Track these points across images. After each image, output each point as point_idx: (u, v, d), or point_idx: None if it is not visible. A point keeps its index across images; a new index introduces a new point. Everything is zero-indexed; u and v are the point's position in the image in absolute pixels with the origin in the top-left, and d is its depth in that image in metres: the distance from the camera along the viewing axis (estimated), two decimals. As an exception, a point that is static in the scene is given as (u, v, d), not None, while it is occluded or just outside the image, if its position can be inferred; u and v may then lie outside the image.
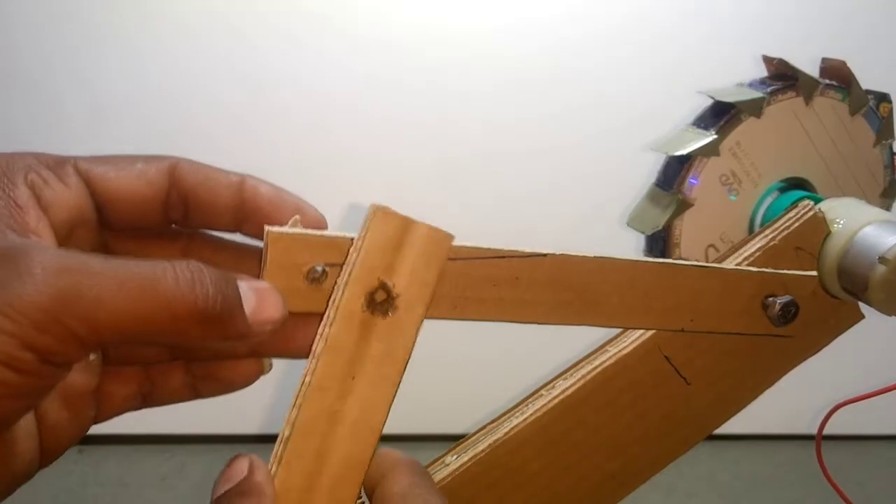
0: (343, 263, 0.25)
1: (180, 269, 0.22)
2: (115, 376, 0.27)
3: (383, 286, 0.25)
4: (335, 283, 0.25)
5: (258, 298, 0.24)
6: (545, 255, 0.27)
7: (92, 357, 0.26)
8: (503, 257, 0.27)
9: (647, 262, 0.29)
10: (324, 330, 0.25)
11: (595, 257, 0.28)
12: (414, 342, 0.25)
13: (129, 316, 0.20)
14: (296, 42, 0.87)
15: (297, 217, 0.26)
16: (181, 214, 0.27)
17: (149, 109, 0.85)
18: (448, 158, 0.91)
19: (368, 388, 0.25)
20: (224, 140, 0.83)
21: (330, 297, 0.25)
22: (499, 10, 0.88)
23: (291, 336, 0.27)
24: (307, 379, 0.25)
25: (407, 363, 0.25)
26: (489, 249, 0.27)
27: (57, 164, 0.25)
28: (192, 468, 0.95)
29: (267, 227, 0.25)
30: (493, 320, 0.27)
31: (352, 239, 0.25)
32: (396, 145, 0.89)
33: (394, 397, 0.25)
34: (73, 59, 0.85)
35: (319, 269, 0.25)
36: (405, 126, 0.89)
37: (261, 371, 0.28)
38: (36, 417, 0.24)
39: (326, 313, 0.25)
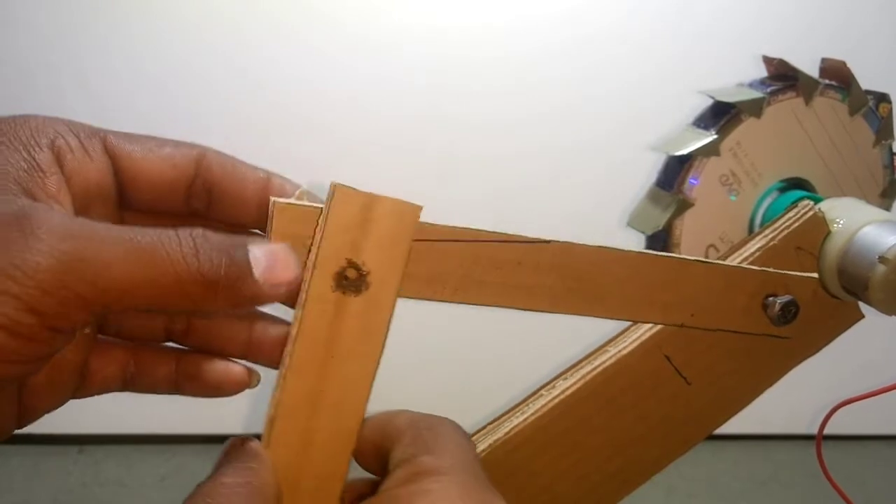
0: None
1: (184, 236, 0.22)
2: (102, 353, 0.27)
3: (352, 265, 0.25)
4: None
5: (270, 260, 0.23)
6: (549, 241, 0.27)
7: (86, 331, 0.26)
8: (507, 241, 0.27)
9: (650, 254, 0.29)
10: (297, 313, 0.25)
11: (598, 247, 0.28)
12: (390, 317, 0.25)
13: (132, 281, 0.21)
14: (296, 40, 0.87)
15: (304, 189, 0.26)
16: (204, 204, 0.27)
17: (150, 107, 0.85)
18: (448, 158, 0.91)
19: (348, 366, 0.25)
20: (224, 137, 0.83)
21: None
22: (497, 10, 0.88)
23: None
24: (286, 361, 0.25)
25: (386, 338, 0.25)
26: (493, 233, 0.27)
27: (86, 135, 0.25)
28: (192, 468, 0.95)
29: (273, 199, 0.25)
30: (495, 305, 0.27)
31: None
32: (396, 145, 0.89)
33: (375, 372, 0.25)
34: (76, 57, 0.85)
35: None
36: (404, 125, 0.89)
37: (247, 382, 0.28)
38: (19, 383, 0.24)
39: (299, 296, 0.25)
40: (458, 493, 0.23)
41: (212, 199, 0.27)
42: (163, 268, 0.21)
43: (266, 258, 0.23)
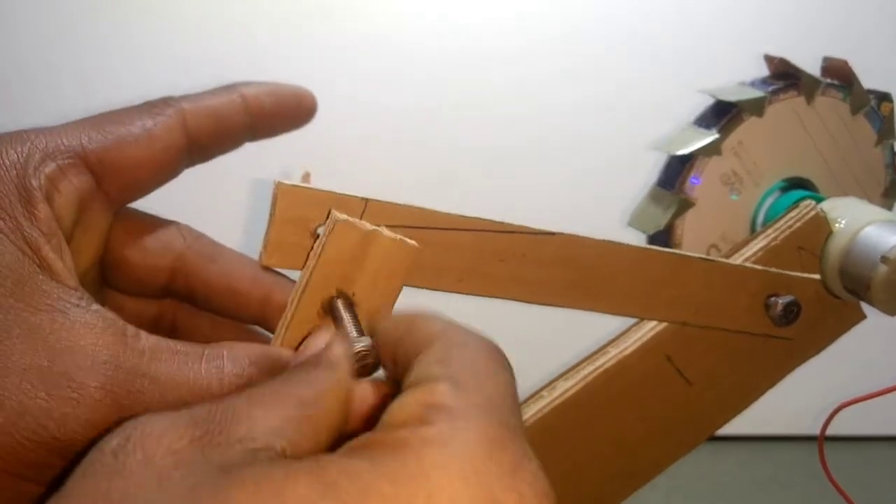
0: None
1: (227, 386, 0.22)
2: None
3: (342, 295, 0.24)
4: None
5: None
6: (554, 233, 0.27)
7: None
8: (512, 232, 0.27)
9: (654, 250, 0.29)
10: (279, 332, 0.24)
11: (603, 240, 0.28)
12: None
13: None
14: (296, 40, 0.87)
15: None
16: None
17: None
18: (447, 156, 0.91)
19: None
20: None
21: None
22: (496, 7, 0.88)
23: None
24: None
25: None
26: (499, 223, 0.27)
27: (67, 167, 0.24)
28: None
29: (276, 180, 0.24)
30: (497, 297, 0.27)
31: (364, 199, 0.25)
32: (396, 145, 0.89)
33: None
34: (76, 57, 0.85)
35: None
36: (403, 124, 0.89)
37: None
38: None
39: (283, 316, 0.24)
40: (482, 451, 0.17)
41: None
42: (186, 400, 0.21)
43: None
